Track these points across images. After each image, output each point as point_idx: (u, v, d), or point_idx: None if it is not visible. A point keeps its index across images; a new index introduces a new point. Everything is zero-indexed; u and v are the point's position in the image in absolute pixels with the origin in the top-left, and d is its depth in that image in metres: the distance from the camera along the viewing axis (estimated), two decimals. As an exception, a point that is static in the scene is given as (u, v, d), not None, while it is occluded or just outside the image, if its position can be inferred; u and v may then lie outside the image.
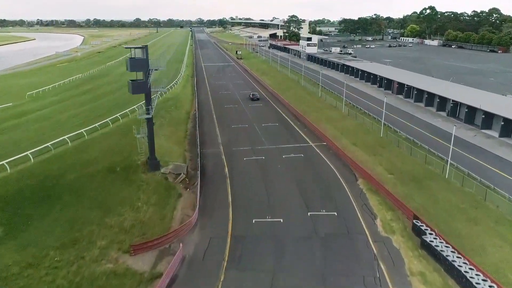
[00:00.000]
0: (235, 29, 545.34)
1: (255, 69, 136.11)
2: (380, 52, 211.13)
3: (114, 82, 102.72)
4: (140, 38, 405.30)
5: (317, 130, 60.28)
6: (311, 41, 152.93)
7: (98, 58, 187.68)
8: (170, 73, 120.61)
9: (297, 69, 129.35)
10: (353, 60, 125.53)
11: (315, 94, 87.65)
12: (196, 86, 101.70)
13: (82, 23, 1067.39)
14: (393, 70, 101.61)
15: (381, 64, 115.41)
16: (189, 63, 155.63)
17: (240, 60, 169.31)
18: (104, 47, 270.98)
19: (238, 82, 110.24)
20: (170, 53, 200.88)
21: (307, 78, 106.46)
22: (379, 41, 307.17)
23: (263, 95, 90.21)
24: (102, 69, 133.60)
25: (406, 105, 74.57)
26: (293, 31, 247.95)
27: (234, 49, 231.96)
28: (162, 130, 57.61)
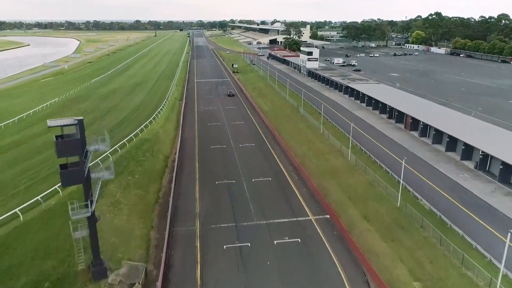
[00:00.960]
0: (234, 33, 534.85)
1: (251, 88, 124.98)
2: (385, 63, 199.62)
3: (91, 110, 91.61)
4: (137, 43, 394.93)
5: (319, 194, 49.04)
6: (312, 56, 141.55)
7: (85, 71, 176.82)
8: (157, 95, 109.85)
9: (297, 88, 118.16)
10: (359, 80, 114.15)
11: (316, 128, 76.38)
12: (183, 115, 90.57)
13: (82, 25, 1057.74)
14: (404, 97, 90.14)
15: (389, 87, 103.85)
16: (180, 79, 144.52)
17: (236, 74, 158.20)
18: (96, 56, 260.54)
19: (230, 107, 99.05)
20: (163, 65, 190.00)
21: (308, 104, 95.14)
22: (383, 48, 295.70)
23: (257, 130, 78.93)
24: (83, 90, 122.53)
25: (423, 149, 63.19)
26: (294, 40, 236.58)
27: (231, 59, 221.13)
28: (126, 197, 46.47)
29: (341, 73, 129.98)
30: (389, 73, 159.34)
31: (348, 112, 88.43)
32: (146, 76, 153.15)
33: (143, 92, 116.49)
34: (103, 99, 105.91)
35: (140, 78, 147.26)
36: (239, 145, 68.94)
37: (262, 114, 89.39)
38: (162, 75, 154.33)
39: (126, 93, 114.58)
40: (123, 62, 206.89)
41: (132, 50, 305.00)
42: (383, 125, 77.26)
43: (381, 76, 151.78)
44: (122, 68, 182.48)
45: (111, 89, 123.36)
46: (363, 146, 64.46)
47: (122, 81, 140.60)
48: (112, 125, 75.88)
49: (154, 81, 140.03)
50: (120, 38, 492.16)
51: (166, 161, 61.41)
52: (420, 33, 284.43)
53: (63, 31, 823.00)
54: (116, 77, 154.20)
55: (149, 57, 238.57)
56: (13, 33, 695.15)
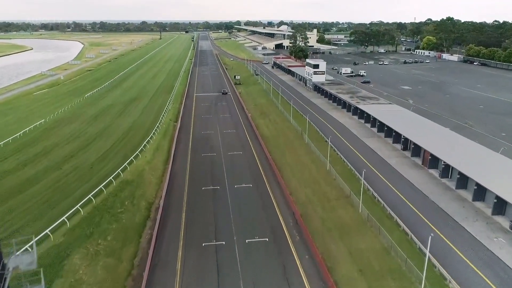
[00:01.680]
0: (240, 36, 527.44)
1: (252, 106, 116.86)
2: (396, 72, 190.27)
3: (77, 136, 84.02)
4: (140, 48, 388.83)
5: (324, 266, 40.71)
6: (318, 69, 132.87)
7: (82, 82, 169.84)
8: (151, 115, 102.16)
9: (301, 106, 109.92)
10: (368, 99, 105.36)
11: (322, 163, 67.99)
12: (176, 141, 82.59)
13: (88, 26, 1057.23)
14: (419, 124, 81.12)
15: (402, 109, 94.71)
16: (179, 93, 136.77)
17: (238, 87, 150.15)
18: (97, 62, 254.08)
19: (229, 131, 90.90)
20: (163, 75, 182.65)
21: (313, 129, 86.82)
22: (392, 54, 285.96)
23: (255, 163, 70.68)
24: (74, 107, 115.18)
25: (446, 196, 54.52)
26: (300, 47, 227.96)
27: (235, 67, 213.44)
28: (93, 272, 38.48)
29: (350, 89, 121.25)
30: (401, 86, 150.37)
31: (357, 140, 79.87)
32: (143, 89, 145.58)
33: (137, 111, 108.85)
34: (92, 120, 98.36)
35: (136, 92, 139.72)
36: (235, 185, 60.71)
37: (262, 142, 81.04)
38: (160, 88, 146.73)
39: (119, 112, 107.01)
40: (122, 71, 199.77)
41: (134, 55, 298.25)
42: (398, 160, 68.61)
43: (392, 89, 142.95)
44: (119, 79, 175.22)
45: (104, 106, 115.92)
46: (376, 191, 55.93)
47: (117, 96, 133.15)
48: (94, 160, 68.16)
49: (151, 96, 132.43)
50: (124, 41, 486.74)
51: (149, 209, 53.39)
52: (431, 39, 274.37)
53: (69, 33, 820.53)
54: (112, 90, 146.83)
55: (150, 65, 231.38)
56: (18, 35, 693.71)
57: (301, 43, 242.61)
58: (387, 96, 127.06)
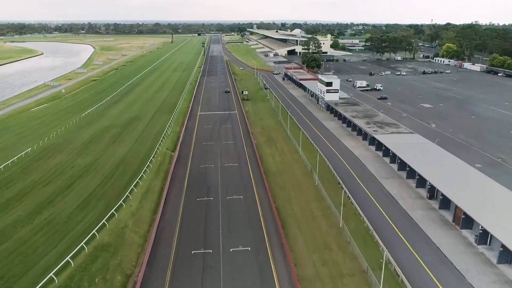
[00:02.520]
0: (252, 39, 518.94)
1: (259, 129, 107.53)
2: (414, 85, 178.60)
3: (61, 172, 75.88)
4: (150, 53, 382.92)
5: None
6: (331, 87, 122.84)
7: (83, 95, 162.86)
8: (147, 142, 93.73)
9: (312, 132, 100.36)
10: (387, 127, 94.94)
11: (334, 217, 58.32)
12: (170, 179, 73.73)
13: (102, 27, 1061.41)
14: (447, 164, 70.47)
15: (426, 141, 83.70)
16: (182, 112, 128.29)
17: (245, 103, 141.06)
18: (103, 70, 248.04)
19: (230, 164, 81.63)
20: (168, 87, 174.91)
21: (325, 165, 77.11)
22: (410, 62, 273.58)
23: (257, 214, 61.30)
24: (68, 129, 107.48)
25: (487, 277, 44.43)
26: (312, 56, 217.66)
27: (244, 78, 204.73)
28: None
29: (366, 111, 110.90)
30: (421, 103, 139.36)
31: (375, 183, 69.87)
32: (145, 106, 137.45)
33: (134, 135, 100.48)
34: (83, 148, 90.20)
35: (138, 110, 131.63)
36: (230, 249, 51.45)
37: (266, 183, 71.58)
38: (163, 105, 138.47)
39: (114, 138, 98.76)
40: (127, 82, 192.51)
41: (142, 62, 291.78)
42: (423, 214, 58.45)
43: (411, 107, 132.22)
44: (123, 92, 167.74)
45: (99, 128, 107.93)
46: (399, 263, 46.11)
47: (116, 115, 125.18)
48: (72, 209, 59.70)
49: (152, 114, 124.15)
50: (136, 45, 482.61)
51: (124, 286, 44.49)
52: (451, 46, 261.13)
53: (82, 35, 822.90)
54: (112, 106, 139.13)
55: (157, 74, 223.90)
56: (32, 38, 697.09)
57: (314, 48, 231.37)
58: (407, 118, 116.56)
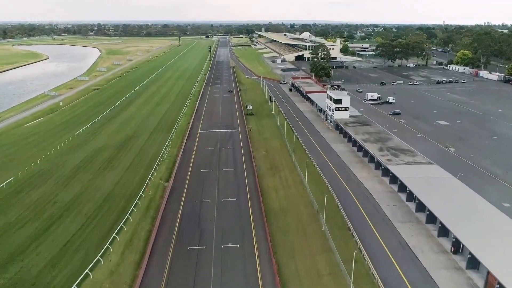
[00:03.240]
0: (260, 42, 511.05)
1: (262, 152, 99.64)
2: (429, 97, 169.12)
3: (40, 210, 68.75)
4: (156, 57, 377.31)
5: None
6: (341, 104, 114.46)
7: (81, 108, 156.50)
8: (140, 169, 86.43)
9: (319, 157, 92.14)
10: (402, 154, 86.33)
11: (343, 278, 50.22)
12: (160, 220, 66.18)
13: (111, 29, 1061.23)
14: (474, 209, 61.83)
15: (447, 176, 74.89)
16: (181, 129, 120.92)
17: (249, 119, 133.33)
18: (106, 78, 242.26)
19: (228, 200, 73.85)
20: (170, 99, 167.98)
21: (333, 203, 68.99)
22: (423, 69, 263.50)
23: (254, 268, 53.40)
24: (58, 152, 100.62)
25: None
26: (321, 64, 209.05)
27: (250, 87, 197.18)
28: None
29: (378, 133, 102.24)
30: (436, 120, 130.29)
31: (391, 228, 61.52)
32: (143, 122, 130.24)
33: (126, 160, 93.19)
34: (70, 177, 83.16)
35: (135, 127, 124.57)
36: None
37: (267, 227, 63.62)
38: (162, 121, 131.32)
39: (105, 163, 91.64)
40: (129, 92, 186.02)
41: (147, 68, 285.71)
42: (447, 276, 50.00)
43: (426, 126, 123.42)
44: (122, 104, 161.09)
45: (92, 150, 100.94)
46: None
47: (112, 133, 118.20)
48: (43, 264, 52.38)
49: (149, 133, 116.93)
50: (142, 49, 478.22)
51: None
52: (466, 53, 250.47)
53: (90, 37, 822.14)
54: (109, 122, 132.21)
55: (160, 83, 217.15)
56: (40, 40, 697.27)
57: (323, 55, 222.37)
58: (422, 140, 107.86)
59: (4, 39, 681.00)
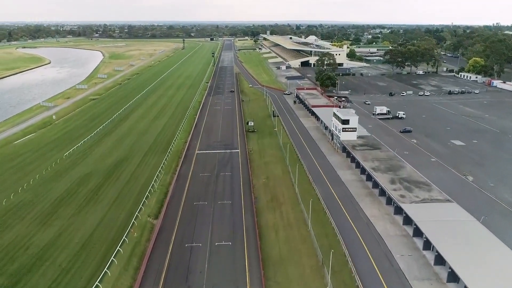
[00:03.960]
0: (265, 46, 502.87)
1: (262, 180, 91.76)
2: (441, 110, 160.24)
3: (10, 256, 61.27)
4: (159, 62, 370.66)
5: None
6: (348, 125, 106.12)
7: (75, 122, 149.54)
8: (127, 204, 78.82)
9: (325, 187, 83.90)
10: (416, 189, 77.90)
11: None
12: (144, 270, 58.49)
13: (116, 31, 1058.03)
14: (502, 263, 53.67)
15: (468, 217, 66.38)
16: (177, 151, 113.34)
17: (250, 138, 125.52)
18: (106, 86, 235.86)
19: (222, 243, 66.02)
20: (169, 113, 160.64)
21: (340, 252, 60.88)
22: (433, 77, 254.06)
23: None
24: (42, 179, 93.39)
25: None
26: (327, 74, 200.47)
27: (253, 98, 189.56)
28: None
29: (389, 159, 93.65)
30: (450, 139, 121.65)
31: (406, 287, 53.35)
32: (138, 141, 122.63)
33: (113, 192, 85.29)
34: (50, 213, 75.78)
35: (128, 146, 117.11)
36: None
37: (264, 281, 55.70)
38: (158, 140, 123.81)
39: (90, 194, 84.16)
40: (127, 104, 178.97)
41: (149, 75, 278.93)
42: None
43: (440, 146, 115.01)
44: (119, 117, 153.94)
45: (77, 177, 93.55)
46: None
47: (102, 154, 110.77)
48: None
49: (142, 155, 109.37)
50: (146, 52, 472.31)
51: None
52: (478, 61, 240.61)
53: (96, 39, 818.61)
54: (101, 140, 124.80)
55: (160, 92, 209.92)
56: (44, 43, 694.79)
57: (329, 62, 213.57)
58: (437, 165, 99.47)
59: (8, 42, 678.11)
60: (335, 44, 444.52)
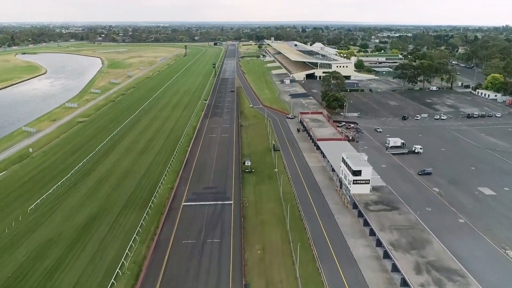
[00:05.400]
0: (269, 53, 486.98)
1: (257, 251, 75.89)
2: (461, 140, 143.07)
3: None
4: (159, 72, 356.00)
5: None
6: (360, 176, 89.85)
7: (54, 156, 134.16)
8: None
9: (332, 270, 67.59)
10: (446, 279, 61.70)
11: None
12: None
13: (120, 33, 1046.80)
14: None
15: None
16: (160, 201, 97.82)
17: (246, 181, 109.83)
18: (98, 104, 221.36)
19: None
20: (156, 146, 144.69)
21: None
22: (447, 93, 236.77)
23: None
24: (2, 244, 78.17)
25: None
26: (334, 95, 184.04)
27: (254, 121, 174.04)
28: None
29: (411, 227, 77.38)
30: (478, 187, 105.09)
31: None
32: (116, 190, 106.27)
33: (72, 275, 69.97)
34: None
35: (103, 198, 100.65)
36: None
37: None
38: (140, 186, 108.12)
39: (42, 279, 68.71)
40: (116, 129, 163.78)
41: (144, 91, 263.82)
42: None
43: (466, 196, 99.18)
44: (103, 149, 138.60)
45: (34, 249, 78.04)
46: None
47: (72, 210, 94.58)
48: None
49: (118, 211, 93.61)
50: (146, 60, 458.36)
51: None
52: (498, 77, 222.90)
53: (98, 43, 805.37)
54: (75, 186, 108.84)
55: (154, 113, 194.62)
56: (46, 48, 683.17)
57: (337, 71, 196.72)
58: (467, 228, 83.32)
59: (9, 47, 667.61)
60: (341, 52, 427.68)
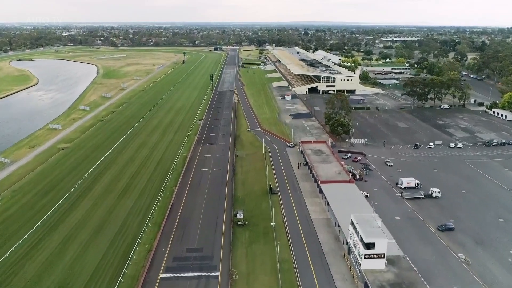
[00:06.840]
0: (270, 59, 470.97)
1: None
2: (482, 177, 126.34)
3: None
4: (154, 83, 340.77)
5: None
6: (373, 250, 74.05)
7: (26, 196, 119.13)
8: None
9: None
10: None
11: None
12: None
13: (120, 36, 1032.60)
14: None
15: None
16: (135, 272, 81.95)
17: (238, 236, 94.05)
18: (85, 125, 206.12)
19: None
20: (140, 186, 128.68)
21: None
22: (460, 113, 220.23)
23: None
24: None
25: None
26: (339, 120, 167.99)
27: (250, 151, 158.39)
28: None
29: None
30: (510, 250, 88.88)
31: None
32: (83, 255, 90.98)
33: None
34: None
35: (66, 269, 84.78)
36: None
37: None
38: (112, 248, 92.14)
39: None
40: (97, 161, 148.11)
41: (135, 108, 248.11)
42: None
43: (497, 265, 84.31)
44: (79, 189, 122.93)
45: None
46: None
47: (30, 283, 79.47)
48: None
49: (83, 284, 78.01)
50: (143, 68, 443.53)
51: None
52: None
53: (96, 47, 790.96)
54: (36, 247, 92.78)
55: (142, 139, 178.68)
56: (42, 53, 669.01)
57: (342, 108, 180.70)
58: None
59: (5, 53, 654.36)
60: (345, 60, 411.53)
